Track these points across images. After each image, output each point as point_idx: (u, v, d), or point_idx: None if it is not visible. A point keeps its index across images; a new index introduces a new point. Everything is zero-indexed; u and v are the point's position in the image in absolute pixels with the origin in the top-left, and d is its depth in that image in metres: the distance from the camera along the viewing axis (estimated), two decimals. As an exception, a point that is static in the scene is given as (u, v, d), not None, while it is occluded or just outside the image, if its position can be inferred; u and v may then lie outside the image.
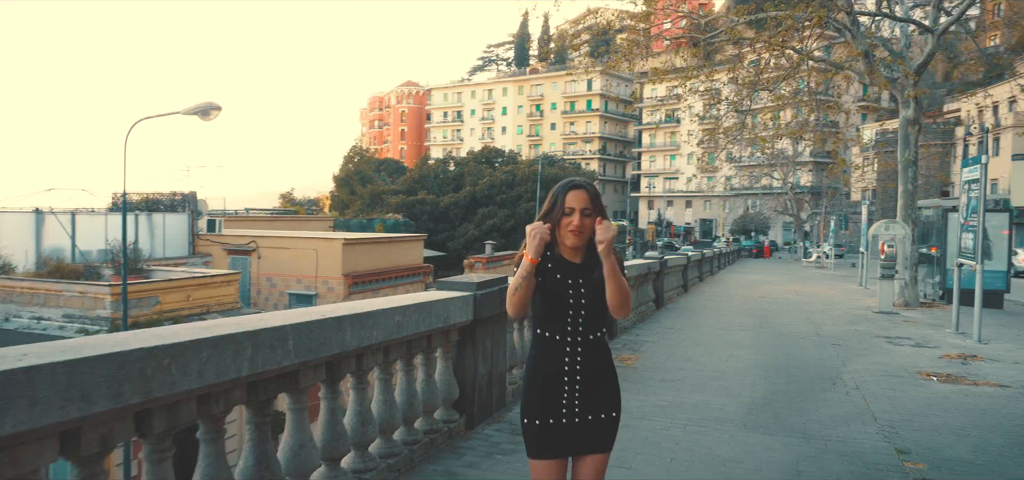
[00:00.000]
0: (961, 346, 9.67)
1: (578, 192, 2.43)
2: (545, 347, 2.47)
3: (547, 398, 2.44)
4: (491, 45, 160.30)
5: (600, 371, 2.46)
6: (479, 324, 4.78)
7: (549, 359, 2.44)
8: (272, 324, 2.77)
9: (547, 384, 2.44)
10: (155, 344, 2.21)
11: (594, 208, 2.43)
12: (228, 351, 2.51)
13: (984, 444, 5.05)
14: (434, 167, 69.05)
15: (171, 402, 2.33)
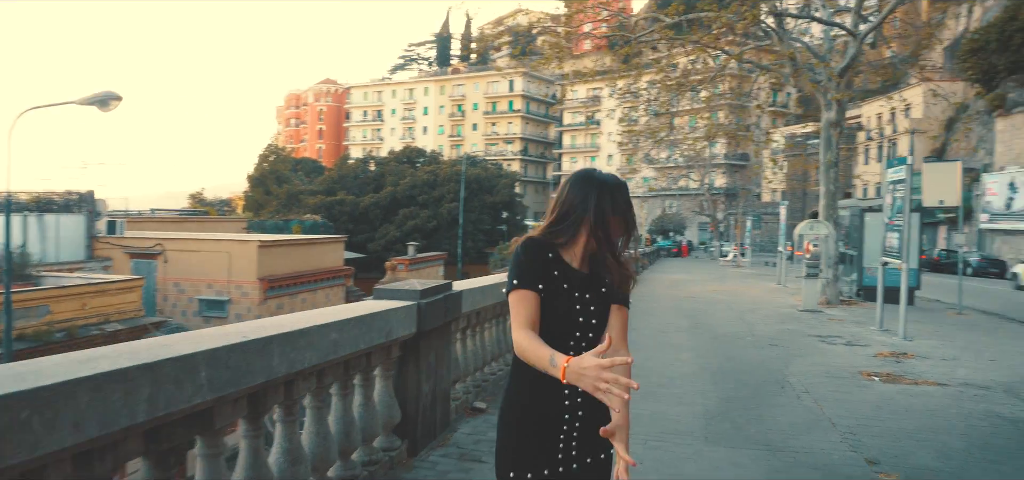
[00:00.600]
0: (890, 344, 9.80)
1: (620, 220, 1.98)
2: (540, 378, 1.93)
3: (541, 444, 1.94)
4: (412, 44, 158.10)
5: (603, 415, 1.98)
6: (423, 337, 4.25)
7: (545, 394, 1.92)
8: (178, 352, 2.17)
9: (543, 426, 1.93)
10: (6, 391, 1.59)
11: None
12: (117, 392, 1.90)
13: (946, 449, 4.91)
14: (354, 167, 67.38)
15: (32, 470, 1.71)
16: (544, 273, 1.93)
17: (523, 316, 1.88)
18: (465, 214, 53.76)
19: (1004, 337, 11.32)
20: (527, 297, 1.89)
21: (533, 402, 1.95)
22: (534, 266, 1.93)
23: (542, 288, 1.92)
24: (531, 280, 1.91)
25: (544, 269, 1.93)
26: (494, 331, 6.32)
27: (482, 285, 5.61)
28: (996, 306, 16.97)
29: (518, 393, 1.99)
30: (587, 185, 1.97)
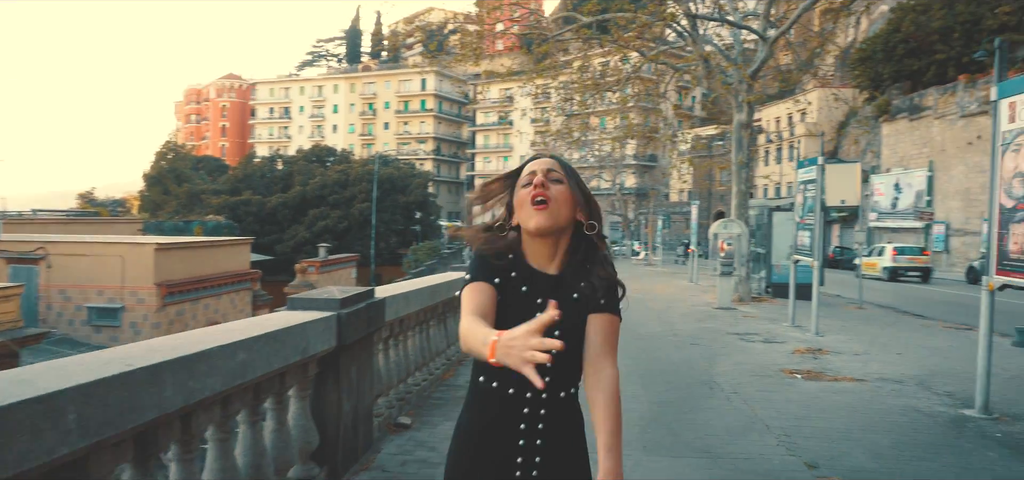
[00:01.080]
0: (805, 340, 10.04)
1: (540, 159, 1.74)
2: (489, 405, 1.66)
3: (494, 475, 1.64)
4: (321, 40, 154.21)
5: (569, 446, 1.67)
6: (344, 351, 3.83)
7: (495, 425, 1.64)
8: (39, 391, 1.71)
9: (494, 455, 1.63)
10: None
11: (569, 180, 1.71)
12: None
13: (876, 448, 4.91)
14: (260, 165, 64.78)
15: None
16: (500, 272, 1.66)
17: (468, 305, 1.59)
18: (378, 214, 52.61)
19: (903, 330, 11.84)
20: (476, 288, 1.62)
21: (480, 433, 1.65)
22: (488, 265, 1.66)
23: (499, 282, 1.64)
24: (484, 274, 1.64)
25: (500, 269, 1.66)
26: (417, 339, 5.93)
27: (406, 290, 5.22)
28: (889, 299, 17.91)
29: (467, 414, 1.72)
30: None
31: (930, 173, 37.62)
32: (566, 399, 1.66)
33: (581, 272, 1.68)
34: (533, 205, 1.64)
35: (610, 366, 1.63)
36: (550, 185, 1.66)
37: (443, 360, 6.79)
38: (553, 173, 1.69)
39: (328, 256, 32.42)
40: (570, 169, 1.74)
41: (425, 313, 6.04)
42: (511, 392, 1.63)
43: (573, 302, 1.64)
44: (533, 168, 1.70)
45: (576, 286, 1.66)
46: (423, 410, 5.50)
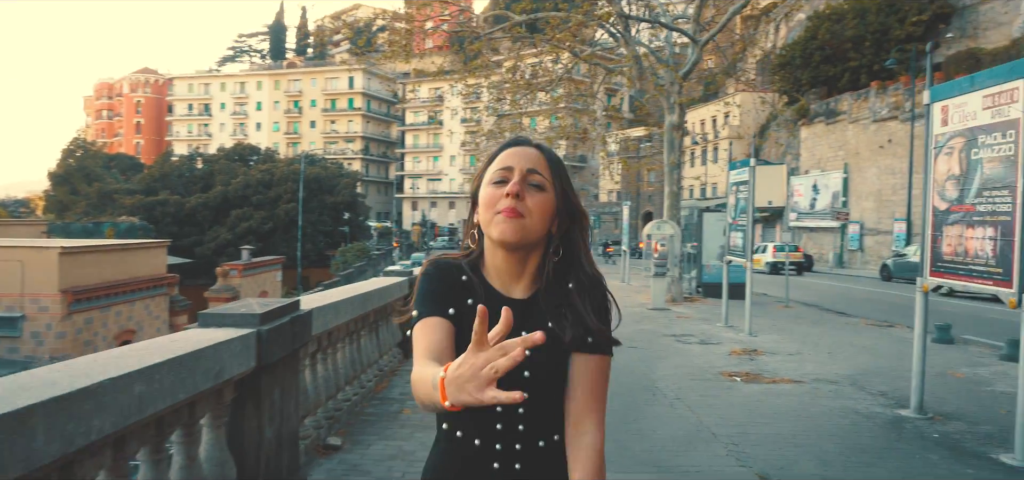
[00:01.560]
0: (739, 341, 10.09)
1: (523, 149, 1.38)
2: (454, 458, 1.35)
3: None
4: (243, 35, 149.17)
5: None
6: (265, 371, 3.42)
7: (466, 467, 1.33)
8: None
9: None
10: None
11: (555, 182, 1.37)
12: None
13: (824, 454, 4.83)
14: (178, 164, 61.98)
15: None
16: (454, 300, 1.32)
17: (420, 348, 1.26)
18: (305, 215, 51.10)
19: (829, 328, 12.11)
20: (427, 326, 1.28)
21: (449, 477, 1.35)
22: (438, 291, 1.32)
23: (454, 313, 1.31)
24: (435, 304, 1.30)
25: (454, 295, 1.33)
26: (347, 351, 5.53)
27: (336, 300, 4.81)
28: (813, 297, 18.44)
29: (431, 468, 1.40)
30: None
31: (845, 175, 39.28)
32: (547, 448, 1.34)
33: (560, 295, 1.36)
34: (504, 214, 1.31)
35: (594, 427, 1.31)
36: (528, 193, 1.32)
37: (375, 372, 6.39)
38: (535, 175, 1.34)
39: (252, 259, 31.14)
40: (557, 167, 1.39)
41: (357, 323, 5.64)
42: (478, 443, 1.32)
43: (549, 332, 1.31)
44: (510, 162, 1.35)
45: (553, 313, 1.34)
46: (354, 428, 5.10)
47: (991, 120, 5.22)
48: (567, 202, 1.38)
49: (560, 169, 1.39)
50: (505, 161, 1.35)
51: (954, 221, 5.65)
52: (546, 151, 1.40)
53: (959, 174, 5.59)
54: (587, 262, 1.40)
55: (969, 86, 5.54)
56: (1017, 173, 4.91)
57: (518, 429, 1.31)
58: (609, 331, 1.37)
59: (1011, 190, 4.98)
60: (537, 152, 1.38)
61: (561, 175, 1.38)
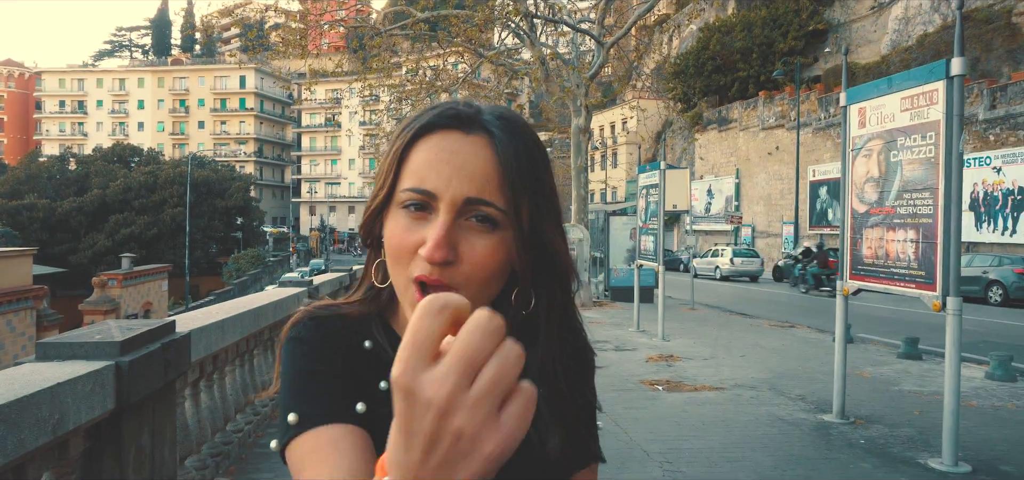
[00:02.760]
0: (654, 346, 9.97)
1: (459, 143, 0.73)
2: None
3: None
4: (122, 28, 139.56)
5: None
6: (128, 413, 2.75)
7: None
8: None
9: None
10: None
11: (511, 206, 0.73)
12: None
13: (759, 467, 4.61)
14: (48, 165, 56.97)
15: None
16: (359, 387, 0.76)
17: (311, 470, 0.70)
18: (194, 220, 48.12)
19: (736, 330, 12.26)
20: (324, 443, 0.70)
21: None
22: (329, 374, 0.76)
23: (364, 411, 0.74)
24: (331, 404, 0.74)
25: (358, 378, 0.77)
26: (238, 374, 4.83)
27: (221, 318, 4.12)
28: (715, 299, 18.86)
29: None
30: None
31: (737, 180, 41.00)
32: None
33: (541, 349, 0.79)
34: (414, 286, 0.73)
35: None
36: (465, 239, 0.72)
37: (271, 396, 5.68)
38: (480, 206, 0.72)
39: (134, 267, 28.78)
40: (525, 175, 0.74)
41: (248, 342, 4.95)
42: None
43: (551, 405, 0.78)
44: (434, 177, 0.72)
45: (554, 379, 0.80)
46: (247, 465, 4.43)
47: (910, 122, 5.18)
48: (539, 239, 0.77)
49: (530, 176, 0.75)
50: (423, 170, 0.73)
51: (874, 224, 5.61)
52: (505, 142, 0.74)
53: (878, 176, 5.55)
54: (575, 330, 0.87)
55: (887, 88, 5.51)
56: (938, 175, 4.87)
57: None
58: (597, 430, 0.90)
59: (932, 192, 4.95)
60: (487, 150, 0.74)
61: (532, 188, 0.75)
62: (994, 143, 25.13)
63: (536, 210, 0.76)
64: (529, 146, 0.77)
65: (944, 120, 4.80)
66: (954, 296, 4.74)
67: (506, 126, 0.76)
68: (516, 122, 0.79)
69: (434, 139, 0.74)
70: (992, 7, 30.41)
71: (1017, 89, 24.68)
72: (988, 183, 24.68)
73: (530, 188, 0.75)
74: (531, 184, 0.75)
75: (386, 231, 0.77)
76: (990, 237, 24.34)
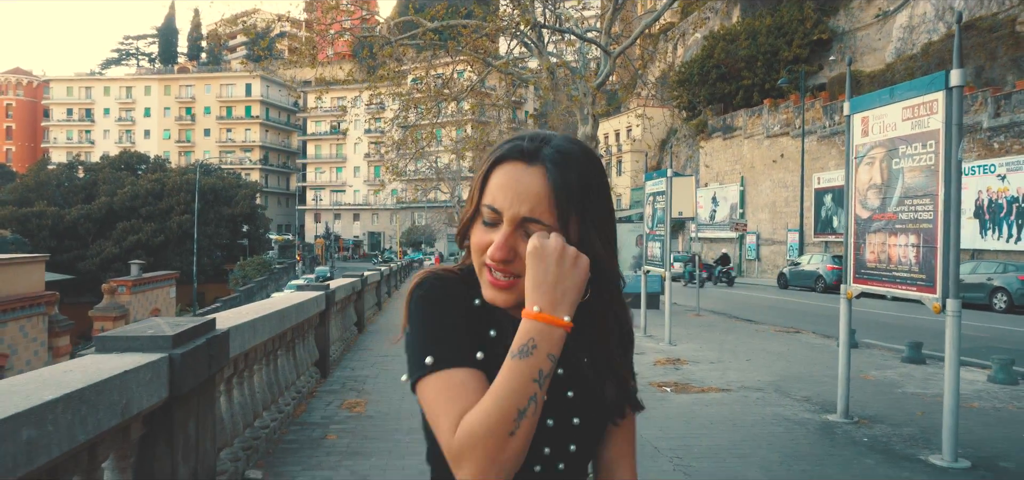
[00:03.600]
0: (661, 350, 10.14)
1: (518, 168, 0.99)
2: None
3: None
4: (130, 36, 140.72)
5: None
6: (178, 403, 2.96)
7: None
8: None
9: None
10: None
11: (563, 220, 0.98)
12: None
13: (766, 463, 4.79)
14: (57, 173, 57.41)
15: None
16: (478, 338, 1.00)
17: (455, 414, 0.91)
18: (201, 227, 48.43)
19: (741, 335, 12.42)
20: (458, 380, 0.94)
21: None
22: (458, 326, 1.00)
23: (482, 358, 0.98)
24: (462, 351, 0.97)
25: (476, 329, 1.01)
26: (264, 373, 5.04)
27: (252, 318, 4.33)
28: (721, 306, 19.02)
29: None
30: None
31: (742, 188, 41.13)
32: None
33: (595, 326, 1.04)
34: (487, 277, 1.01)
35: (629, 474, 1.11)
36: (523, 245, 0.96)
37: (293, 393, 5.89)
38: (533, 225, 0.96)
39: (142, 274, 29.08)
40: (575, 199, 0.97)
41: (274, 342, 5.16)
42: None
43: (587, 366, 1.05)
44: (501, 198, 0.98)
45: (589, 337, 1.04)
46: (275, 458, 4.63)
47: (911, 131, 5.38)
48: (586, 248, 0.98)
49: (580, 199, 0.98)
50: (495, 192, 0.99)
51: (877, 229, 5.80)
52: (556, 173, 0.97)
53: (881, 183, 5.74)
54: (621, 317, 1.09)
55: (889, 98, 5.71)
56: (938, 182, 5.06)
57: (558, 470, 1.03)
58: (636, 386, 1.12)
59: (932, 198, 5.13)
60: (542, 179, 0.97)
61: (581, 208, 0.98)
62: (998, 151, 25.26)
63: (584, 225, 0.98)
64: (583, 173, 1.00)
65: (944, 129, 5.00)
66: (954, 299, 4.92)
67: (562, 158, 0.99)
68: (573, 153, 1.01)
69: (505, 168, 0.99)
70: (996, 16, 30.56)
71: (1021, 97, 24.82)
72: (993, 190, 24.80)
73: (577, 208, 0.97)
74: (579, 204, 0.97)
75: (472, 236, 1.03)
76: (995, 244, 24.44)
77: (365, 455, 4.78)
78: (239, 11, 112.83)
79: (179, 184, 51.88)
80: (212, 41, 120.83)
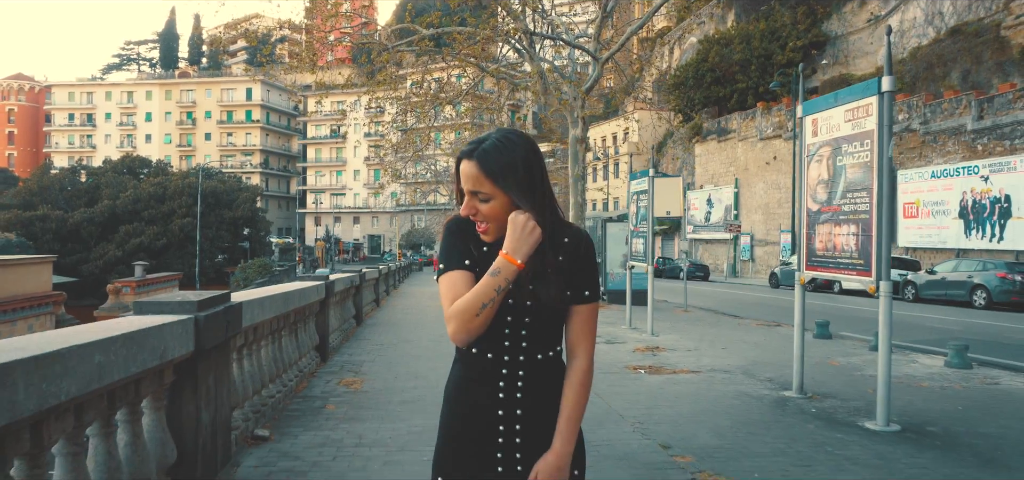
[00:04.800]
0: (642, 340, 10.72)
1: (466, 164, 1.65)
2: (472, 371, 1.69)
3: (474, 445, 1.67)
4: (131, 42, 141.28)
5: (550, 404, 1.68)
6: (202, 357, 3.54)
7: (477, 388, 1.68)
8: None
9: (474, 424, 1.67)
10: None
11: (497, 181, 1.62)
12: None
13: (719, 428, 5.36)
14: (59, 177, 57.99)
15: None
16: (470, 250, 1.67)
17: (451, 294, 1.62)
18: (202, 230, 49.01)
19: (724, 328, 13.00)
20: (454, 278, 1.63)
21: (463, 397, 1.69)
22: (456, 244, 1.68)
23: (470, 263, 1.66)
24: (456, 259, 1.66)
25: (470, 246, 1.68)
26: (270, 349, 5.62)
27: (261, 296, 4.93)
28: (709, 303, 19.59)
29: (452, 390, 1.73)
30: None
31: (736, 189, 41.72)
32: (545, 361, 1.68)
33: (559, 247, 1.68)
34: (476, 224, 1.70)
35: (582, 356, 1.70)
36: (480, 206, 1.63)
37: (296, 372, 6.48)
38: (479, 195, 1.63)
39: (146, 275, 29.66)
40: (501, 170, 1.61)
41: (278, 322, 5.74)
42: (490, 356, 1.65)
43: (549, 275, 1.65)
44: (461, 183, 1.66)
45: (541, 261, 1.64)
46: (280, 422, 5.21)
47: (852, 131, 5.97)
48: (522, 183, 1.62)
49: (504, 169, 1.61)
50: (461, 178, 1.66)
51: (824, 220, 6.39)
52: (484, 160, 1.61)
53: (827, 178, 6.33)
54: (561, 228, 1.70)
55: (834, 102, 6.30)
56: (873, 177, 5.65)
57: (523, 340, 1.65)
58: (598, 284, 1.75)
59: (868, 192, 5.72)
60: (474, 167, 1.61)
61: (505, 175, 1.61)
62: (982, 152, 25.86)
63: (513, 185, 1.64)
64: (506, 155, 1.65)
65: (877, 129, 5.59)
66: (886, 281, 5.51)
67: (486, 152, 1.66)
68: (500, 141, 1.68)
69: (461, 164, 1.67)
70: (982, 21, 31.18)
71: (1004, 100, 25.43)
72: (977, 191, 25.39)
73: (504, 176, 1.63)
74: (505, 175, 1.64)
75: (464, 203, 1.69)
76: (979, 244, 25.03)
77: (361, 420, 5.37)
78: (240, 17, 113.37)
79: (181, 188, 52.50)
80: (213, 46, 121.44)
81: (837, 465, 4.48)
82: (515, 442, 1.65)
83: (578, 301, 1.69)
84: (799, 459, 4.58)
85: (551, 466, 1.62)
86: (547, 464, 1.62)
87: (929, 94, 29.81)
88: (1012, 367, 8.83)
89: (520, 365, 1.65)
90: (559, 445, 1.64)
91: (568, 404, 1.66)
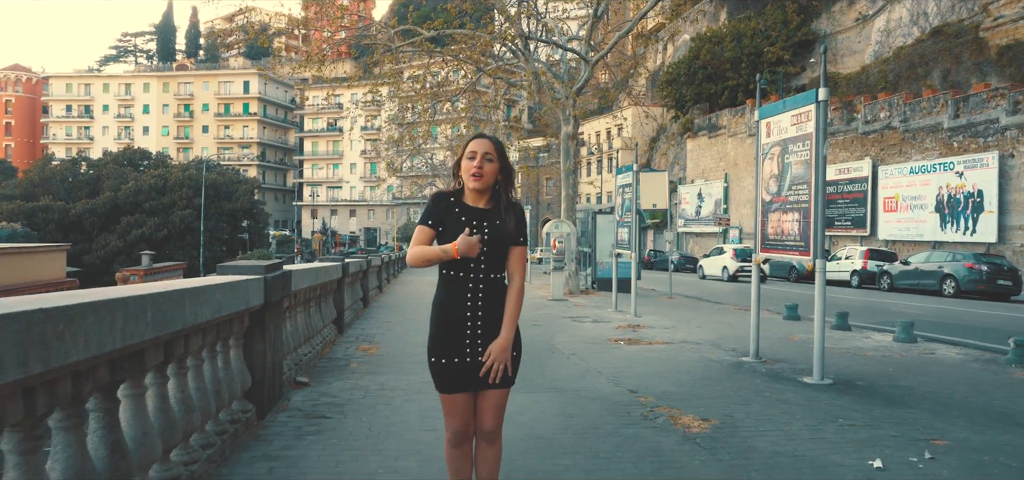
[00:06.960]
0: (626, 320, 11.78)
1: (482, 140, 2.72)
2: (450, 285, 2.69)
3: (452, 336, 2.68)
4: (128, 33, 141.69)
5: (499, 306, 2.71)
6: (268, 309, 4.58)
7: (453, 297, 2.67)
8: (136, 294, 2.47)
9: (452, 323, 2.67)
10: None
11: (498, 157, 2.70)
12: (106, 319, 2.20)
13: (679, 380, 6.42)
14: (61, 168, 58.68)
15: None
16: (442, 214, 2.70)
17: (420, 239, 2.69)
18: (203, 222, 49.89)
19: (703, 312, 14.06)
20: (425, 230, 2.69)
21: (445, 302, 2.70)
22: (431, 210, 2.72)
23: (434, 223, 2.70)
24: (426, 218, 2.72)
25: (441, 212, 2.70)
26: (304, 315, 6.65)
27: (302, 268, 5.97)
28: (694, 292, 20.67)
29: (438, 298, 2.74)
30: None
31: (726, 184, 42.82)
32: (495, 279, 2.72)
33: (502, 209, 2.73)
34: (472, 176, 2.68)
35: (518, 278, 2.78)
36: (484, 164, 2.68)
37: (320, 339, 7.51)
38: (488, 155, 2.69)
39: (152, 264, 30.61)
40: (500, 150, 2.73)
41: (311, 291, 6.77)
42: (461, 275, 2.68)
43: (497, 225, 2.70)
44: (475, 149, 2.69)
45: (499, 215, 2.70)
46: (314, 375, 6.25)
47: (796, 133, 7.02)
48: (504, 168, 2.75)
49: (501, 151, 2.75)
50: (473, 147, 2.72)
51: (775, 209, 7.44)
52: (494, 141, 2.74)
53: (778, 174, 7.38)
54: (512, 195, 2.78)
55: (783, 108, 7.35)
56: (812, 172, 6.70)
57: (481, 267, 2.67)
58: (527, 232, 2.78)
59: (808, 185, 6.78)
60: (489, 142, 2.73)
61: (502, 154, 2.75)
62: (957, 149, 26.98)
63: (502, 158, 2.77)
64: (499, 143, 2.80)
65: (814, 132, 6.64)
66: (821, 259, 6.57)
67: (494, 137, 2.81)
68: (497, 139, 2.79)
69: (474, 140, 2.79)
70: (962, 22, 32.27)
71: (978, 99, 26.54)
72: (952, 187, 26.52)
73: (501, 152, 2.78)
74: (501, 151, 2.78)
75: (462, 163, 2.76)
76: (953, 236, 26.17)
77: (381, 373, 6.41)
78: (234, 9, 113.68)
79: (181, 179, 53.33)
80: (210, 39, 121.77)
81: (769, 404, 5.55)
82: (478, 332, 2.69)
83: (515, 243, 2.76)
84: (740, 399, 5.65)
85: (499, 346, 2.67)
86: (497, 345, 2.67)
87: (909, 93, 30.92)
88: (953, 342, 9.92)
89: (480, 282, 2.69)
90: (504, 333, 2.68)
91: (510, 307, 2.72)
